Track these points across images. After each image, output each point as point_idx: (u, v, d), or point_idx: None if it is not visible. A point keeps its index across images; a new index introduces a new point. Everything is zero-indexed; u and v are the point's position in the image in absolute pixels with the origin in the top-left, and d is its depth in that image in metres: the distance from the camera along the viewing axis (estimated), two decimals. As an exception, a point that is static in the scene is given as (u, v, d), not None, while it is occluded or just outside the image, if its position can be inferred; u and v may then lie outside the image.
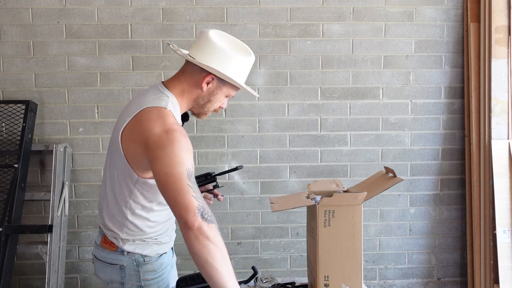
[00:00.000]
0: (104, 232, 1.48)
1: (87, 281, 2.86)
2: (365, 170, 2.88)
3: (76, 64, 2.74)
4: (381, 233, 2.95)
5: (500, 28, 2.65)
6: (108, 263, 1.48)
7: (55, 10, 2.70)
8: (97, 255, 1.51)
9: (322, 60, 2.82)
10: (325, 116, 2.85)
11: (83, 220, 2.83)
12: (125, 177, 1.38)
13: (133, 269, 1.47)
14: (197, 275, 1.55)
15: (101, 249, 1.49)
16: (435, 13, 2.83)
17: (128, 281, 1.48)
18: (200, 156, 2.82)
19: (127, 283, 1.48)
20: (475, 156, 2.77)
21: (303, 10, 2.78)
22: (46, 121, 2.75)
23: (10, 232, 2.41)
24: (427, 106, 2.89)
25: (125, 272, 1.47)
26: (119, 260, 1.46)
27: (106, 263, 1.48)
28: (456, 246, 2.97)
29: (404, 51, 2.84)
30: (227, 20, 2.76)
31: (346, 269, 1.46)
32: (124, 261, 1.46)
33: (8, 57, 2.71)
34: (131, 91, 2.77)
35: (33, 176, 2.75)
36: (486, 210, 2.68)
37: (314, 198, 1.48)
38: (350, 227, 1.45)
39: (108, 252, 1.47)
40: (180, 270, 2.87)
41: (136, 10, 2.73)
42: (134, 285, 1.48)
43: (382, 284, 2.99)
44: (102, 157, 2.79)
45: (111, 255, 1.47)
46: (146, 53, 2.75)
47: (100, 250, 1.49)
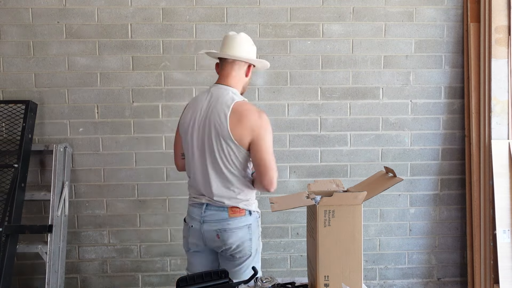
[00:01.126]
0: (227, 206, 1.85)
1: (87, 281, 2.86)
2: (365, 170, 2.88)
3: (76, 64, 2.74)
4: (381, 233, 2.95)
5: (500, 28, 2.65)
6: (239, 227, 1.86)
7: (55, 10, 2.70)
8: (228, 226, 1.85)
9: (322, 60, 2.82)
10: (325, 116, 2.85)
11: (83, 220, 2.83)
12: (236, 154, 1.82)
13: (256, 224, 1.92)
14: (197, 275, 1.55)
15: (232, 219, 1.85)
16: (435, 13, 2.83)
17: (253, 236, 1.90)
18: (200, 156, 2.81)
19: (253, 238, 1.90)
20: (475, 156, 2.77)
21: (303, 10, 2.78)
22: (46, 121, 2.75)
23: (10, 232, 2.41)
24: (427, 106, 2.89)
25: (252, 229, 1.89)
26: (247, 221, 1.88)
27: (238, 227, 1.86)
28: (456, 246, 2.97)
29: (404, 51, 2.84)
30: (227, 20, 2.76)
31: (346, 269, 1.46)
32: (250, 220, 1.89)
33: (8, 57, 2.71)
34: (131, 91, 2.77)
35: (33, 176, 2.75)
36: (486, 210, 2.68)
37: (314, 198, 1.48)
38: (350, 227, 1.45)
39: (239, 218, 1.86)
40: (180, 270, 2.89)
41: (136, 10, 2.73)
42: (256, 237, 1.93)
43: (382, 284, 2.99)
44: (102, 157, 2.79)
45: (242, 219, 1.86)
46: (146, 53, 2.75)
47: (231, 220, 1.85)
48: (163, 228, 2.86)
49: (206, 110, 1.86)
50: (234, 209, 1.86)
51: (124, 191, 2.82)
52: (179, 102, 2.78)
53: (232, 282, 1.58)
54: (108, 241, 2.85)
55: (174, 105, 2.79)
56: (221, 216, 1.86)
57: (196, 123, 1.87)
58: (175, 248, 2.87)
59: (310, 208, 1.53)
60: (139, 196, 2.83)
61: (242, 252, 1.88)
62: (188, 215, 1.96)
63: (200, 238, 1.90)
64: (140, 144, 2.80)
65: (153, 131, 2.80)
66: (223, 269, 1.60)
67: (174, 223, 2.85)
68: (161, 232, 2.86)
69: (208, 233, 1.88)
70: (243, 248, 1.88)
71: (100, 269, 2.87)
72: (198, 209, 1.90)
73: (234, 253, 1.88)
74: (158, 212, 2.85)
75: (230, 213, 1.86)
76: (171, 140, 2.80)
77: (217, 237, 1.86)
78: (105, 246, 2.86)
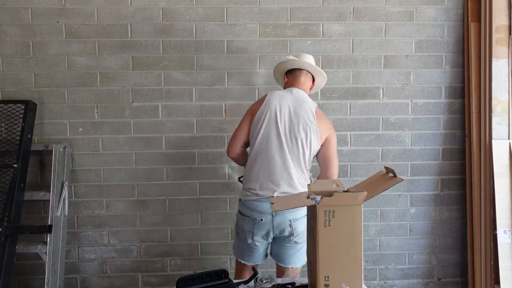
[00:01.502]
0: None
1: (86, 282, 2.86)
2: (365, 170, 2.88)
3: (75, 64, 2.73)
4: (382, 233, 2.94)
5: (500, 27, 2.64)
6: (305, 215, 1.98)
7: (54, 9, 2.69)
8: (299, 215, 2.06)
9: (322, 60, 2.81)
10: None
11: (83, 220, 2.82)
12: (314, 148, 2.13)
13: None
14: (197, 275, 1.55)
15: (301, 208, 2.03)
16: (436, 13, 2.82)
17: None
18: (200, 156, 2.81)
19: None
20: (475, 156, 2.76)
21: (303, 10, 2.78)
22: (46, 121, 2.75)
23: (9, 232, 2.41)
24: (427, 106, 2.88)
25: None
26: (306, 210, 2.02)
27: (304, 216, 2.05)
28: (457, 247, 2.97)
29: (405, 51, 2.84)
30: (227, 20, 2.76)
31: (346, 269, 1.46)
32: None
33: (8, 56, 2.70)
34: (131, 91, 2.76)
35: (33, 176, 2.75)
36: (487, 210, 2.67)
37: (314, 198, 1.47)
38: (350, 227, 1.45)
39: (304, 208, 1.98)
40: (180, 270, 2.89)
41: (136, 10, 2.72)
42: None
43: (383, 285, 2.98)
44: (102, 157, 2.79)
45: (304, 208, 1.99)
46: (146, 53, 2.75)
47: (301, 209, 2.05)
48: (163, 228, 2.85)
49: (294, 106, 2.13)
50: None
51: (123, 191, 2.82)
52: (179, 102, 2.78)
53: (232, 282, 1.58)
54: (107, 241, 2.85)
55: (174, 105, 2.78)
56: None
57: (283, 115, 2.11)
58: (175, 248, 2.87)
59: (310, 208, 1.53)
60: (139, 196, 2.83)
61: (303, 237, 2.10)
62: (253, 210, 2.09)
63: (270, 231, 2.09)
64: (140, 144, 2.80)
65: (153, 131, 2.79)
66: (223, 269, 1.60)
67: (174, 223, 2.85)
68: (161, 232, 2.85)
69: (280, 224, 2.07)
70: (304, 234, 2.08)
71: (100, 269, 2.86)
72: (267, 203, 2.06)
73: (297, 239, 2.10)
74: (158, 212, 2.84)
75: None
76: (171, 140, 2.80)
77: (289, 226, 2.07)
78: (105, 246, 2.85)
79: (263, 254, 2.21)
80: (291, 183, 2.09)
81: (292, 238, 2.10)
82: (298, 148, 2.10)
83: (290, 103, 2.13)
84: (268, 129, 2.10)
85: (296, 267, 2.16)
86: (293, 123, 2.10)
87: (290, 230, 2.07)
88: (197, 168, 2.82)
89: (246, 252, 2.18)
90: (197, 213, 2.85)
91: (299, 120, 2.10)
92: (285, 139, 2.10)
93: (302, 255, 2.15)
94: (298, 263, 2.16)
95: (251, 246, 2.15)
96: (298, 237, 2.10)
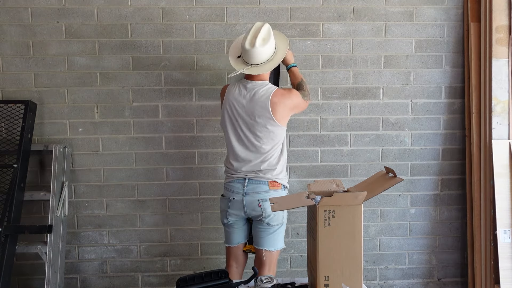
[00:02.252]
0: (267, 180, 2.17)
1: (86, 282, 2.86)
2: (365, 170, 2.88)
3: (75, 64, 2.73)
4: (382, 233, 2.94)
5: (500, 27, 2.64)
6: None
7: (54, 9, 2.69)
8: (268, 197, 2.07)
9: (322, 60, 2.81)
10: (325, 116, 2.84)
11: (83, 220, 2.82)
12: (279, 137, 2.18)
13: None
14: (197, 275, 1.55)
15: (272, 191, 2.17)
16: (436, 13, 2.82)
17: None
18: (200, 156, 2.81)
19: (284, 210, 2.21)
20: (475, 156, 2.76)
21: (303, 10, 2.78)
22: (46, 121, 2.75)
23: (9, 232, 2.41)
24: (427, 106, 2.88)
25: None
26: (282, 194, 2.21)
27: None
28: (457, 247, 2.97)
29: (405, 51, 2.84)
30: (227, 20, 2.76)
31: (346, 269, 1.46)
32: (284, 194, 2.23)
33: (8, 56, 2.70)
34: (131, 91, 2.76)
35: (33, 176, 2.75)
36: (487, 210, 2.67)
37: (314, 198, 1.48)
38: (350, 227, 1.45)
39: (277, 191, 2.18)
40: (180, 270, 2.89)
41: (136, 9, 2.72)
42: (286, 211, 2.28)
43: (383, 285, 2.98)
44: (102, 157, 2.79)
45: (279, 192, 2.19)
46: (146, 53, 2.75)
47: (271, 192, 2.16)
48: (163, 228, 2.85)
49: (246, 100, 2.17)
50: (273, 183, 2.18)
51: (123, 191, 2.82)
52: (178, 102, 2.78)
53: (232, 282, 1.58)
54: (107, 241, 2.85)
55: (174, 105, 2.78)
56: (262, 189, 2.17)
57: (235, 111, 2.18)
58: (175, 248, 2.87)
59: (310, 208, 1.53)
60: (139, 196, 2.83)
61: (277, 220, 2.19)
62: (228, 190, 2.24)
63: (241, 209, 2.19)
64: (140, 144, 2.80)
65: (152, 131, 2.79)
66: (223, 269, 1.60)
67: (174, 223, 2.85)
68: (160, 232, 2.86)
69: (251, 203, 2.17)
70: (278, 217, 2.19)
71: (100, 269, 2.86)
72: (240, 184, 2.19)
73: (269, 220, 2.17)
74: (158, 212, 2.84)
75: (270, 186, 2.17)
76: (171, 140, 2.80)
77: (258, 205, 2.16)
78: (105, 246, 2.85)
79: (243, 234, 2.31)
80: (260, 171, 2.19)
81: (264, 219, 2.17)
82: (256, 139, 2.17)
83: (243, 98, 2.17)
84: (228, 124, 2.22)
85: (270, 250, 2.23)
86: (249, 123, 2.16)
87: (259, 210, 2.16)
88: (197, 168, 2.82)
89: (227, 234, 2.32)
90: (197, 213, 2.85)
91: (255, 119, 2.14)
92: (242, 134, 2.19)
93: (275, 239, 2.23)
94: (272, 246, 2.23)
95: (228, 225, 2.28)
96: (270, 219, 2.17)
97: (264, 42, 2.12)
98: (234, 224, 2.27)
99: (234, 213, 2.22)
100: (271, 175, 2.18)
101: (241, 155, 2.20)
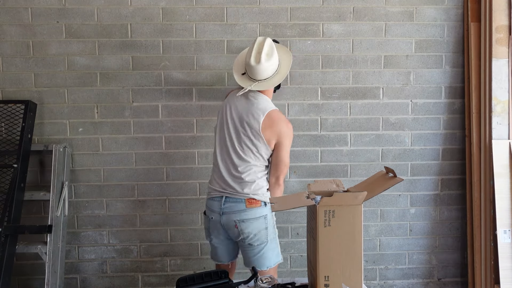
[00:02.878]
0: (244, 198, 2.05)
1: (86, 282, 2.86)
2: (365, 170, 2.88)
3: (75, 64, 2.73)
4: (382, 233, 2.94)
5: (500, 27, 2.64)
6: (255, 217, 2.06)
7: (54, 9, 2.69)
8: (245, 217, 2.04)
9: (322, 60, 2.81)
10: (325, 116, 2.84)
11: (83, 220, 2.82)
12: (262, 153, 2.09)
13: (270, 215, 2.12)
14: (197, 275, 1.55)
15: (249, 210, 2.05)
16: (436, 13, 2.82)
17: (269, 225, 2.10)
18: (200, 156, 2.81)
19: (269, 227, 2.10)
20: (475, 156, 2.76)
21: (303, 10, 2.78)
22: (46, 121, 2.75)
23: (9, 232, 2.41)
24: (427, 106, 2.88)
25: (267, 219, 2.09)
26: (263, 212, 2.08)
27: (254, 218, 2.06)
28: (457, 247, 2.97)
29: (405, 51, 2.84)
30: (227, 20, 2.76)
31: (346, 269, 1.46)
32: (265, 211, 2.09)
33: (8, 56, 2.70)
34: (131, 91, 2.76)
35: (33, 176, 2.75)
36: (487, 210, 2.67)
37: (314, 198, 1.48)
38: (350, 227, 1.45)
39: (256, 209, 2.05)
40: (180, 270, 2.89)
41: (136, 9, 2.72)
42: (272, 226, 2.13)
43: (383, 285, 2.98)
44: (102, 157, 2.79)
45: (258, 210, 2.06)
46: (146, 53, 2.75)
47: (248, 211, 2.04)
48: (163, 228, 2.85)
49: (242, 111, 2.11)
50: (251, 200, 2.06)
51: (123, 191, 2.82)
52: (179, 102, 2.78)
53: (232, 282, 1.58)
54: (107, 241, 2.85)
55: (174, 105, 2.78)
56: (239, 208, 2.05)
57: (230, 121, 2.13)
58: (175, 248, 2.87)
59: (310, 208, 1.53)
60: (139, 196, 2.83)
61: (259, 240, 2.08)
62: (208, 208, 2.17)
63: (220, 229, 2.12)
64: (140, 144, 2.80)
65: (152, 131, 2.79)
66: (223, 270, 1.60)
67: (174, 223, 2.85)
68: (160, 232, 2.85)
69: (227, 224, 2.08)
70: (260, 237, 2.08)
71: (100, 270, 2.86)
72: (217, 202, 2.10)
73: (250, 241, 2.08)
74: (158, 212, 2.84)
75: (247, 204, 2.06)
76: (171, 140, 2.80)
77: (235, 227, 2.06)
78: (105, 246, 2.85)
79: (225, 253, 2.22)
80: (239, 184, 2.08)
81: (245, 240, 2.08)
82: (244, 152, 2.09)
83: (240, 108, 2.13)
84: (218, 126, 2.20)
85: (262, 269, 2.12)
86: (238, 129, 2.10)
87: (236, 231, 2.07)
88: (197, 168, 2.82)
89: (213, 250, 2.26)
90: (197, 213, 2.85)
91: (244, 126, 2.09)
92: (230, 144, 2.12)
93: (265, 258, 2.12)
94: (263, 266, 2.12)
95: (211, 244, 2.23)
96: (250, 239, 2.07)
97: (268, 57, 2.09)
98: (217, 243, 2.20)
99: (216, 233, 2.16)
100: (249, 190, 2.07)
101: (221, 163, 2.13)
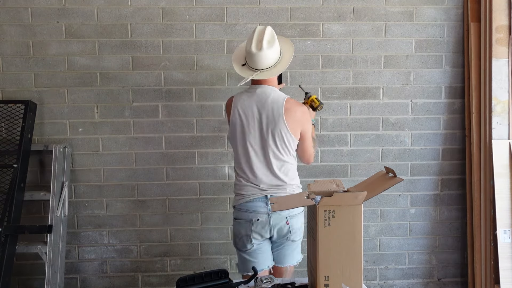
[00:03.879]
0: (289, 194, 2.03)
1: (86, 282, 2.86)
2: (365, 170, 2.88)
3: (75, 64, 2.73)
4: (382, 233, 2.94)
5: (500, 27, 2.64)
6: (300, 212, 2.12)
7: (54, 9, 2.69)
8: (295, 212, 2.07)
9: (322, 60, 2.81)
10: (325, 116, 2.84)
11: (83, 220, 2.82)
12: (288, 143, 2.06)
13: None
14: (197, 275, 1.54)
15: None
16: (436, 13, 2.82)
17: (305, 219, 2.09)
18: (200, 156, 2.81)
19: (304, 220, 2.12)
20: (475, 156, 2.76)
21: (303, 10, 2.78)
22: (46, 121, 2.75)
23: (9, 232, 2.41)
24: (427, 106, 2.88)
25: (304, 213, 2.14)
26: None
27: (299, 213, 2.11)
28: (457, 247, 2.97)
29: (405, 51, 2.84)
30: (227, 20, 2.76)
31: (346, 269, 1.46)
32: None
33: (8, 56, 2.70)
34: (131, 91, 2.76)
35: (33, 176, 2.75)
36: (487, 210, 2.67)
37: (314, 198, 1.47)
38: (350, 227, 1.45)
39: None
40: (180, 270, 2.89)
41: (136, 9, 2.72)
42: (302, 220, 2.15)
43: (383, 285, 2.98)
44: (102, 157, 2.79)
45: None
46: (146, 53, 2.75)
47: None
48: (163, 228, 2.85)
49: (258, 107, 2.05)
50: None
51: (123, 191, 2.82)
52: (179, 102, 2.78)
53: (232, 282, 1.58)
54: (107, 241, 2.85)
55: (174, 105, 2.78)
56: None
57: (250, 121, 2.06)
58: (175, 248, 2.87)
59: (310, 208, 1.53)
60: (139, 196, 2.83)
61: (300, 235, 2.13)
62: (247, 211, 2.06)
63: (267, 230, 2.05)
64: (140, 144, 2.80)
65: (152, 131, 2.79)
66: (223, 269, 1.60)
67: (174, 223, 2.85)
68: (160, 232, 2.85)
69: (277, 222, 2.04)
70: (302, 231, 2.13)
71: (100, 270, 2.86)
72: (261, 202, 2.05)
73: (294, 237, 2.10)
74: (158, 212, 2.84)
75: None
76: (171, 140, 2.80)
77: (286, 223, 2.05)
78: (105, 246, 2.85)
79: (268, 257, 2.12)
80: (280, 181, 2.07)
81: (289, 237, 2.07)
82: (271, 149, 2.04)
83: (254, 105, 2.05)
84: (239, 135, 2.07)
85: (294, 264, 2.18)
86: (262, 127, 2.04)
87: (286, 228, 2.05)
88: (197, 168, 2.82)
89: (248, 263, 2.09)
90: (197, 213, 2.85)
91: (267, 122, 2.03)
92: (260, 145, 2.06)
93: (297, 253, 2.18)
94: (295, 259, 2.17)
95: (248, 252, 2.09)
96: (295, 234, 2.10)
97: (270, 44, 2.02)
98: (259, 248, 2.08)
99: (258, 236, 2.05)
100: (290, 186, 2.07)
101: (257, 166, 2.05)
